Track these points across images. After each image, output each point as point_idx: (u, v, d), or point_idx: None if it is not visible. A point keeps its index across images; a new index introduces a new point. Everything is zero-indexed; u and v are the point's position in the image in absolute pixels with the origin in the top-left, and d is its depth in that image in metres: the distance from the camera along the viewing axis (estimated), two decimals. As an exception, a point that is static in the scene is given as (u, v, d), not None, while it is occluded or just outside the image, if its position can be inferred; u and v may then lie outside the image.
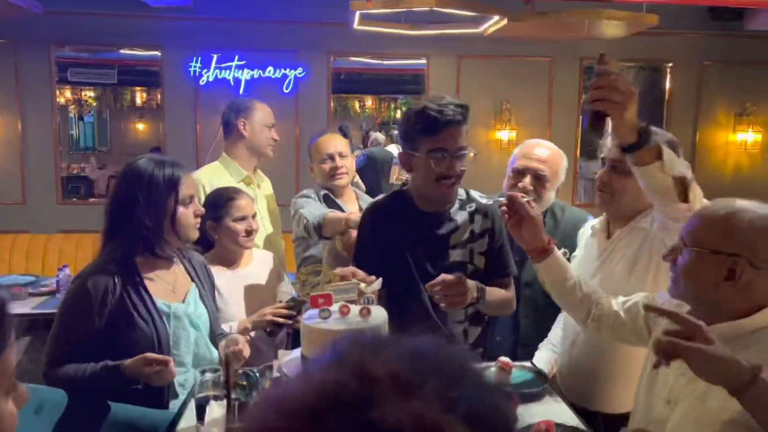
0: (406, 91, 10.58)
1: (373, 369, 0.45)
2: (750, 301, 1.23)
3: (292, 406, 0.44)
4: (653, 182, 1.42)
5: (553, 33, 4.94)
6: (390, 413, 0.43)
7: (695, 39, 5.83)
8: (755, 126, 5.88)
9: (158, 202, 1.76)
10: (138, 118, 11.97)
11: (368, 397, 0.44)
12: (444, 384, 0.45)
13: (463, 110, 1.76)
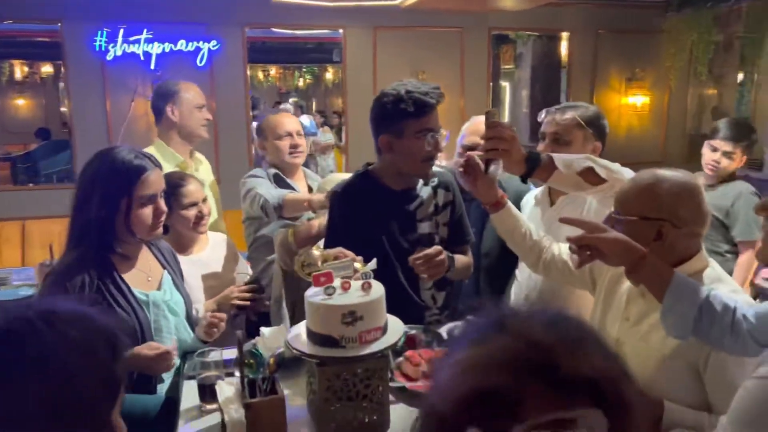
0: (319, 60, 10.51)
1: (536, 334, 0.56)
2: (674, 256, 1.45)
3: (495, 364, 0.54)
4: (564, 185, 1.65)
5: (462, 5, 5.17)
6: (578, 368, 0.53)
7: (590, 9, 6.26)
8: (643, 89, 6.45)
9: (110, 199, 1.69)
10: (17, 94, 11.03)
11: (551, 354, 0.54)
12: (590, 343, 0.57)
13: (439, 92, 1.89)
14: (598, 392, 0.52)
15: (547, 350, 0.54)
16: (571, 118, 1.99)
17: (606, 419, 0.52)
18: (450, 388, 0.56)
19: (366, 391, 1.46)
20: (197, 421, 1.56)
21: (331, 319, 1.41)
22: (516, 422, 0.52)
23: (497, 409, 0.53)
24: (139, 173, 1.71)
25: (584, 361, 0.54)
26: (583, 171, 1.59)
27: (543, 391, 0.52)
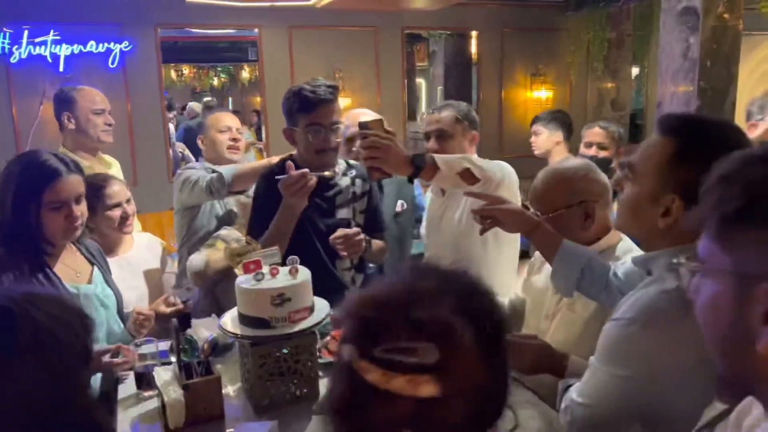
0: (234, 59, 10.39)
1: (417, 284, 0.74)
2: (602, 228, 1.70)
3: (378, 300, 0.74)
4: (445, 183, 1.88)
5: (374, 5, 5.35)
6: (420, 310, 0.71)
7: (496, 8, 6.60)
8: (546, 84, 6.88)
9: (20, 203, 1.72)
10: None
11: (412, 303, 0.72)
12: (458, 298, 0.73)
13: (333, 89, 2.05)
14: (436, 332, 0.70)
15: (412, 294, 0.73)
16: (449, 115, 2.22)
17: (438, 352, 0.69)
18: (345, 315, 0.76)
19: (296, 366, 1.60)
20: (135, 408, 1.63)
21: (261, 302, 1.53)
22: (377, 345, 0.70)
23: (366, 332, 0.72)
24: (50, 178, 1.73)
25: (434, 307, 0.71)
26: (461, 171, 1.79)
27: (399, 324, 0.70)
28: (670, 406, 1.21)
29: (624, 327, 1.25)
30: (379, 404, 0.70)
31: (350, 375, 0.72)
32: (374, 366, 0.70)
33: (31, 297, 0.78)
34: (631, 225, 1.38)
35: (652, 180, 1.28)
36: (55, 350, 0.77)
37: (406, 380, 0.69)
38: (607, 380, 1.27)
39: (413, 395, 0.69)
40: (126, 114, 5.30)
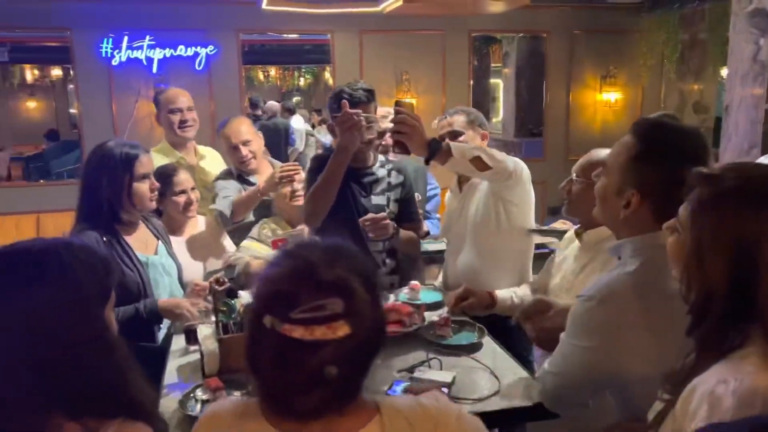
0: (313, 61, 10.87)
1: (311, 257, 0.93)
2: None
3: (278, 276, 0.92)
4: (457, 169, 2.07)
5: (443, 10, 5.53)
6: (324, 274, 0.90)
7: (566, 11, 6.62)
8: (617, 87, 6.82)
9: (116, 177, 2.11)
10: (28, 97, 11.43)
11: (313, 271, 0.91)
12: (346, 260, 0.94)
13: (369, 93, 2.31)
14: (338, 287, 0.89)
15: (312, 265, 0.91)
16: (460, 118, 2.43)
17: (342, 303, 0.88)
18: (257, 293, 0.93)
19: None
20: (183, 358, 1.96)
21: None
22: (292, 310, 0.86)
23: (281, 302, 0.88)
24: (135, 156, 2.14)
25: (333, 272, 0.90)
26: (473, 159, 1.98)
27: (308, 289, 0.88)
28: (630, 375, 1.36)
29: (584, 302, 1.42)
30: (306, 354, 0.87)
31: (275, 338, 0.87)
32: (295, 325, 0.86)
33: (66, 244, 1.03)
34: (601, 214, 1.55)
35: (617, 175, 1.45)
36: (74, 284, 0.98)
37: (326, 328, 0.87)
38: (572, 351, 1.45)
39: (333, 338, 0.87)
40: (209, 113, 5.80)
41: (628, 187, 1.42)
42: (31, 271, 0.97)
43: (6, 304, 0.94)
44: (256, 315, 0.91)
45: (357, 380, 0.94)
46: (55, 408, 0.94)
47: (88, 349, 0.98)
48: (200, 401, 1.63)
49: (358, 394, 0.95)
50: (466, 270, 2.36)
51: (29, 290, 0.95)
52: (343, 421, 0.93)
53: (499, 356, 1.89)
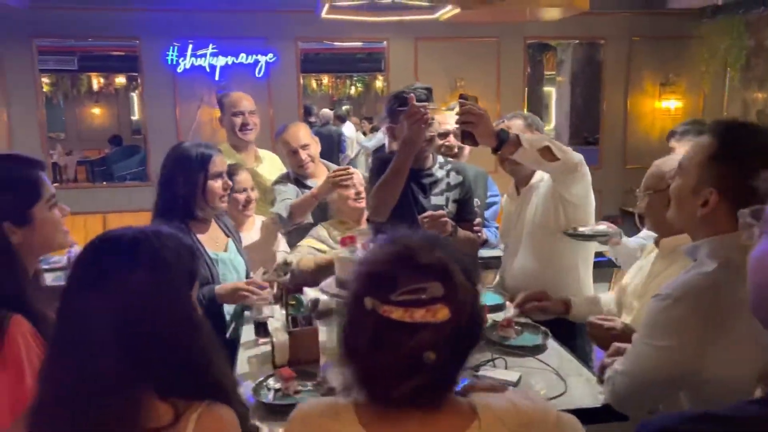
0: (366, 69, 11.04)
1: (411, 242, 0.95)
2: None
3: (379, 259, 0.95)
4: (525, 159, 2.07)
5: (499, 17, 5.53)
6: (424, 258, 0.93)
7: (624, 17, 6.52)
8: (677, 94, 6.66)
9: (191, 176, 2.21)
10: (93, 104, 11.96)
11: (413, 255, 0.93)
12: (441, 247, 0.96)
13: (427, 91, 2.35)
14: (438, 272, 0.91)
15: (412, 249, 0.93)
16: (517, 122, 2.45)
17: (442, 287, 0.90)
18: (358, 276, 0.96)
19: (380, 326, 1.91)
20: (252, 350, 2.04)
21: (352, 269, 1.86)
22: (392, 292, 0.89)
23: (382, 284, 0.90)
24: (210, 156, 2.24)
25: (432, 255, 0.93)
26: (541, 149, 2.00)
27: (408, 272, 0.90)
28: (705, 375, 1.34)
29: (660, 301, 1.42)
30: (404, 337, 0.88)
31: (375, 320, 0.89)
32: (395, 307, 0.88)
33: (156, 232, 1.10)
34: (677, 215, 1.54)
35: (693, 174, 1.45)
36: (165, 269, 1.05)
37: (425, 311, 0.88)
38: (645, 350, 1.44)
39: (432, 321, 0.88)
40: (268, 118, 5.96)
41: (705, 186, 1.41)
42: (126, 256, 1.04)
43: (103, 287, 1.01)
44: (356, 297, 0.93)
45: (452, 370, 0.94)
46: (147, 387, 1.00)
47: (178, 329, 1.05)
48: (272, 390, 1.69)
49: (453, 385, 0.95)
50: (523, 273, 2.37)
51: (124, 274, 1.02)
52: (440, 420, 0.92)
53: (564, 358, 1.90)
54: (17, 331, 1.27)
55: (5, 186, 1.35)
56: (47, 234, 1.42)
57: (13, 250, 1.34)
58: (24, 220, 1.36)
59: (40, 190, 1.40)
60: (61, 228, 1.46)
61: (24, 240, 1.36)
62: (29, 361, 1.27)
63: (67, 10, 5.47)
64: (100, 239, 1.08)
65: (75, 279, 1.04)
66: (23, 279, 1.35)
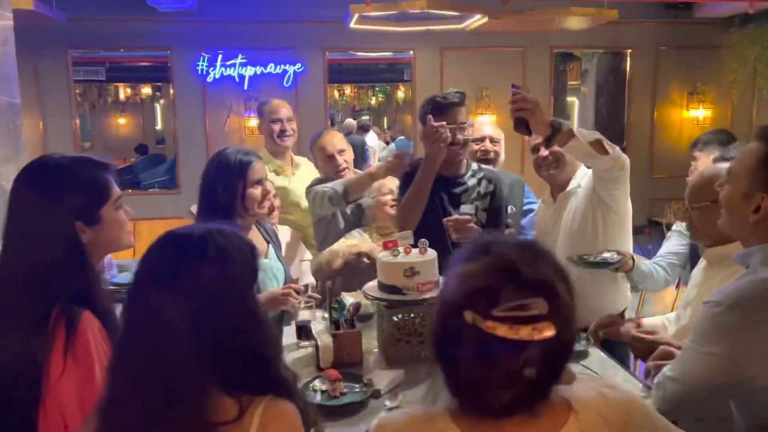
0: (391, 79, 11.13)
1: (510, 254, 0.92)
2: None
3: (478, 272, 0.91)
4: (577, 152, 2.07)
5: (527, 27, 5.55)
6: (528, 274, 0.90)
7: (651, 27, 6.51)
8: (705, 103, 6.61)
9: (231, 183, 2.22)
10: (119, 113, 12.18)
11: (516, 266, 0.90)
12: (548, 262, 0.94)
13: (461, 95, 2.38)
14: (542, 288, 0.89)
15: (513, 263, 0.90)
16: None
17: (546, 304, 0.88)
18: (455, 287, 0.91)
19: (422, 330, 1.92)
20: (295, 353, 2.06)
21: (396, 273, 1.89)
22: (494, 307, 0.87)
23: (483, 298, 0.88)
24: (249, 163, 2.26)
25: (536, 270, 0.90)
26: (593, 141, 2.00)
27: (511, 287, 0.88)
28: (757, 383, 1.33)
29: (712, 308, 1.41)
30: (507, 353, 0.87)
31: (476, 334, 0.86)
32: (499, 323, 0.85)
33: (220, 230, 1.12)
34: (728, 222, 1.53)
35: (744, 180, 1.45)
36: (231, 264, 1.08)
37: (531, 329, 0.86)
38: (696, 357, 1.43)
39: (537, 339, 0.86)
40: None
41: (756, 191, 1.41)
42: (194, 252, 1.07)
43: (173, 282, 1.04)
44: (454, 308, 0.90)
45: (551, 382, 0.93)
46: (213, 381, 1.02)
47: (244, 323, 1.07)
48: (319, 391, 1.71)
49: (549, 394, 0.94)
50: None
51: (194, 269, 1.05)
52: (539, 423, 0.92)
53: (607, 363, 1.89)
54: (87, 326, 1.31)
55: (78, 187, 1.39)
56: (114, 234, 1.46)
57: (84, 248, 1.38)
58: (94, 219, 1.40)
59: (110, 191, 1.44)
60: (126, 228, 1.50)
61: (92, 239, 1.40)
62: (98, 356, 1.31)
63: (102, 21, 5.60)
64: (169, 236, 1.11)
65: (145, 275, 1.07)
66: (92, 276, 1.39)
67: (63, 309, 1.32)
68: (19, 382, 1.30)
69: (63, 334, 1.30)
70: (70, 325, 1.31)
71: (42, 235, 1.35)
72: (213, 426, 0.99)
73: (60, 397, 1.28)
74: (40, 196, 1.36)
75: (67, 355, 1.29)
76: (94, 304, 1.36)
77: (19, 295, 1.34)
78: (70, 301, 1.34)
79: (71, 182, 1.38)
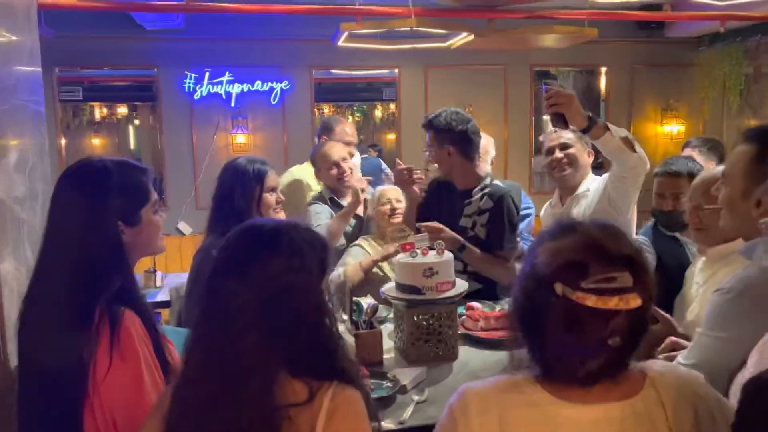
0: (375, 98, 11.26)
1: (593, 232, 0.99)
2: None
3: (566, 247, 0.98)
4: (609, 146, 2.17)
5: (510, 45, 5.71)
6: (614, 248, 0.96)
7: (626, 45, 6.75)
8: (678, 119, 6.86)
9: (248, 189, 2.29)
10: (94, 134, 12.04)
11: (602, 242, 0.97)
12: (621, 237, 1.00)
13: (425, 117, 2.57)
14: (627, 262, 0.96)
15: (599, 239, 0.98)
16: (571, 132, 2.55)
17: (631, 277, 0.95)
18: (544, 262, 0.98)
19: (440, 329, 1.98)
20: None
21: (415, 274, 1.94)
22: (583, 280, 0.94)
23: (572, 271, 0.95)
24: (265, 171, 2.33)
25: (619, 246, 0.98)
26: (623, 138, 2.10)
27: (599, 261, 0.95)
28: None
29: (723, 295, 1.50)
30: (597, 322, 0.93)
31: (566, 304, 0.93)
32: (588, 294, 0.92)
33: (293, 224, 1.19)
34: (732, 222, 1.62)
35: (740, 180, 1.55)
36: (301, 257, 1.13)
37: (619, 299, 0.92)
38: (709, 343, 1.50)
39: (625, 309, 0.93)
40: (283, 145, 6.07)
41: (754, 187, 1.51)
42: (266, 245, 1.13)
43: (247, 273, 1.09)
44: (543, 281, 0.97)
45: (630, 351, 0.99)
46: (282, 366, 1.07)
47: (312, 314, 1.12)
48: (345, 388, 1.75)
49: (629, 363, 1.01)
50: None
51: (266, 261, 1.11)
52: (619, 388, 0.99)
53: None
54: (131, 324, 1.34)
55: (121, 189, 1.43)
56: (150, 236, 1.50)
57: (125, 247, 1.41)
58: (134, 220, 1.44)
59: (149, 193, 1.48)
60: (160, 233, 1.54)
61: (131, 240, 1.43)
62: (143, 353, 1.33)
63: (89, 39, 5.59)
64: (244, 229, 1.17)
65: (222, 263, 1.12)
66: (131, 276, 1.42)
67: (106, 307, 1.35)
68: (65, 379, 1.32)
69: (108, 332, 1.33)
70: (114, 323, 1.34)
71: (87, 234, 1.38)
72: (284, 407, 1.03)
73: (108, 393, 1.31)
74: (87, 196, 1.39)
75: (113, 352, 1.32)
76: (133, 303, 1.40)
77: (64, 292, 1.36)
78: (112, 300, 1.37)
79: (116, 184, 1.42)
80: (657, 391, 0.99)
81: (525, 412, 0.98)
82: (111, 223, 1.40)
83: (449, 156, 2.49)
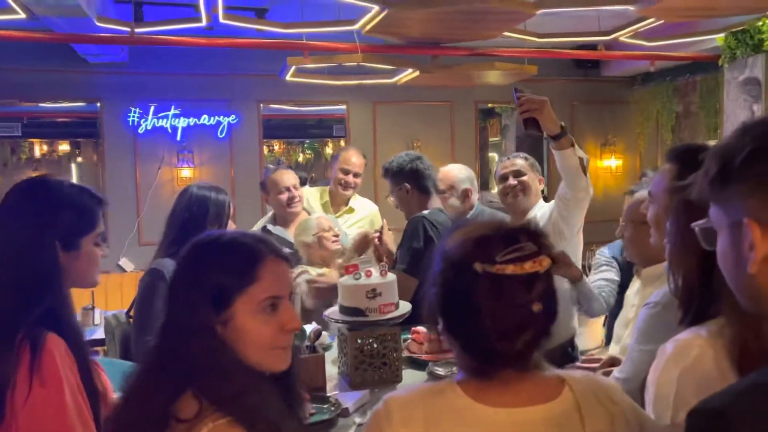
0: (324, 135, 11.30)
1: (493, 218, 1.11)
2: None
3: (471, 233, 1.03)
4: (569, 162, 2.24)
5: (455, 81, 5.88)
6: (510, 224, 1.08)
7: (564, 84, 7.04)
8: (616, 153, 7.16)
9: (222, 217, 2.24)
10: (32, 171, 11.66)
11: (501, 222, 1.07)
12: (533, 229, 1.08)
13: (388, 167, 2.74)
14: (526, 233, 1.02)
15: (498, 221, 1.08)
16: (521, 161, 2.64)
17: (534, 245, 1.00)
18: (457, 248, 1.03)
19: (384, 351, 1.96)
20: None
21: (358, 295, 1.93)
22: (496, 254, 0.97)
23: (484, 249, 0.99)
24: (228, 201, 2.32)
25: (516, 222, 1.07)
26: (581, 159, 2.22)
27: (504, 236, 1.00)
28: None
29: (649, 309, 1.55)
30: (520, 289, 0.97)
31: (490, 279, 0.97)
32: (505, 264, 0.97)
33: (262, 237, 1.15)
34: (659, 239, 1.69)
35: (665, 198, 1.62)
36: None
37: (533, 262, 0.98)
38: (639, 356, 1.55)
39: (540, 270, 0.98)
40: (230, 179, 6.00)
41: None
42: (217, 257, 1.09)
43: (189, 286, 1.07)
44: (460, 266, 1.00)
45: (549, 323, 1.02)
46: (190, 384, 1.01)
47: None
48: (287, 413, 1.70)
49: (546, 343, 1.03)
50: None
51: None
52: (537, 386, 1.01)
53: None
54: (54, 347, 1.27)
55: (69, 207, 1.37)
56: (85, 267, 1.42)
57: (59, 267, 1.35)
58: (72, 245, 1.38)
59: (95, 224, 1.42)
60: (97, 267, 1.46)
61: (65, 265, 1.37)
62: (66, 377, 1.27)
63: (28, 72, 5.46)
64: (197, 243, 1.14)
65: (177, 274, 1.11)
66: (64, 298, 1.36)
67: (27, 331, 1.29)
68: (-18, 407, 1.24)
69: (28, 356, 1.26)
70: (36, 346, 1.27)
71: (24, 248, 1.32)
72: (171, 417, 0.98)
73: (27, 421, 1.23)
74: (33, 208, 1.35)
75: (33, 377, 1.25)
76: (61, 326, 1.33)
77: None
78: (37, 322, 1.30)
79: (65, 202, 1.37)
80: (574, 395, 1.01)
81: (448, 416, 0.98)
82: (50, 240, 1.34)
83: (408, 194, 2.61)
